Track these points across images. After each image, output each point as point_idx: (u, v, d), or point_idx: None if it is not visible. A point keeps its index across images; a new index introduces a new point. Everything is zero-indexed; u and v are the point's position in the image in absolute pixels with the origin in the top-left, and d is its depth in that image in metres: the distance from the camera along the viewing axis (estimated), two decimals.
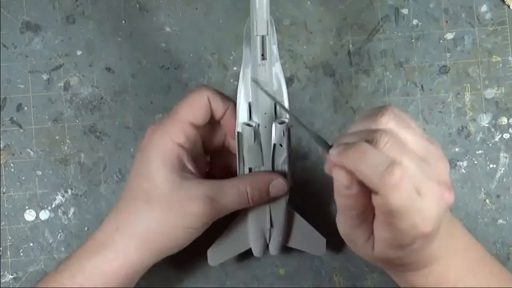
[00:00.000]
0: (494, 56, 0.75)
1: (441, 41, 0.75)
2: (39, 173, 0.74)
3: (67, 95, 0.74)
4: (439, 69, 0.75)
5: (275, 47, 0.61)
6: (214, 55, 0.75)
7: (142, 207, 0.63)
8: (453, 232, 0.60)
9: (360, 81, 0.75)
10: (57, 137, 0.74)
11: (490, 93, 0.75)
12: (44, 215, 0.74)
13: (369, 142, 0.52)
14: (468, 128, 0.75)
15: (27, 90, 0.74)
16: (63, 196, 0.74)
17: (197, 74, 0.75)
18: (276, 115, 0.63)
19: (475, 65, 0.75)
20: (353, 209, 0.55)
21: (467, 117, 0.75)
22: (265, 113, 0.62)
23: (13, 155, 0.74)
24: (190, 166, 0.64)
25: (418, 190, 0.52)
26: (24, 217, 0.74)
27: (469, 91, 0.75)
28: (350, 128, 0.55)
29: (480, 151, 0.74)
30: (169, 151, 0.63)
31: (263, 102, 0.62)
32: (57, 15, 0.75)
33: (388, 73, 0.75)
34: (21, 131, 0.74)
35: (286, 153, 0.64)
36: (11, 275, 0.73)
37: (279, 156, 0.64)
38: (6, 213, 0.74)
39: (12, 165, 0.74)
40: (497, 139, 0.75)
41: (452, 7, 0.75)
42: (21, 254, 0.74)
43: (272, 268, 0.74)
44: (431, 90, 0.75)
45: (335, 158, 0.53)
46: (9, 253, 0.74)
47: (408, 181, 0.51)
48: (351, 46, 0.75)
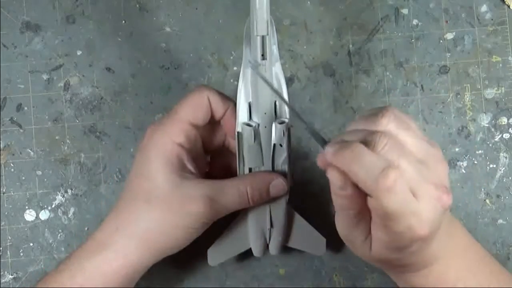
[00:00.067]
0: (494, 56, 0.75)
1: (441, 41, 0.75)
2: (39, 173, 0.74)
3: (67, 95, 0.74)
4: (439, 69, 0.75)
5: (275, 47, 0.61)
6: (214, 55, 0.75)
7: (142, 207, 0.63)
8: (453, 232, 0.60)
9: (360, 81, 0.75)
10: (57, 137, 0.74)
11: (490, 93, 0.75)
12: (44, 215, 0.74)
13: (367, 144, 0.52)
14: (468, 128, 0.75)
15: (27, 90, 0.74)
16: (63, 196, 0.74)
17: (197, 74, 0.75)
18: (276, 115, 0.63)
19: (475, 65, 0.75)
20: (349, 209, 0.55)
21: (467, 117, 0.75)
22: (265, 113, 0.62)
23: (13, 155, 0.74)
24: (190, 166, 0.64)
25: (414, 193, 0.52)
26: (24, 217, 0.74)
27: (469, 91, 0.75)
28: (350, 127, 0.55)
29: (480, 151, 0.74)
30: (169, 151, 0.63)
31: (263, 102, 0.62)
32: (57, 15, 0.75)
33: (388, 73, 0.75)
34: (21, 131, 0.74)
35: (286, 153, 0.64)
36: (11, 275, 0.73)
37: (279, 156, 0.64)
38: (6, 213, 0.74)
39: (12, 165, 0.74)
40: (497, 139, 0.75)
41: (452, 7, 0.75)
42: (21, 254, 0.74)
43: (272, 268, 0.74)
44: (431, 90, 0.75)
45: (329, 157, 0.52)
46: (9, 253, 0.74)
47: (403, 184, 0.51)
48: (351, 46, 0.75)
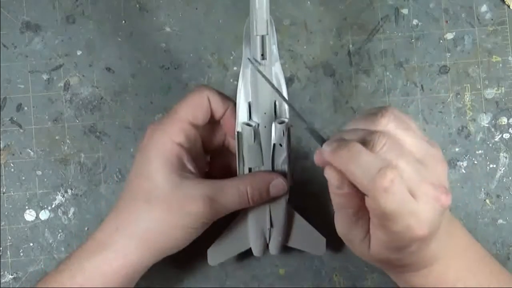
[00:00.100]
0: (494, 56, 0.75)
1: (441, 41, 0.75)
2: (39, 173, 0.74)
3: (67, 95, 0.74)
4: (439, 69, 0.75)
5: (275, 47, 0.61)
6: (214, 55, 0.75)
7: (142, 207, 0.63)
8: (452, 232, 0.60)
9: (360, 81, 0.75)
10: (57, 137, 0.74)
11: (490, 93, 0.75)
12: (44, 215, 0.74)
13: (366, 143, 0.52)
14: (468, 128, 0.75)
15: (27, 90, 0.74)
16: (63, 196, 0.74)
17: (197, 74, 0.75)
18: (276, 115, 0.63)
19: (475, 65, 0.75)
20: (347, 207, 0.55)
21: (467, 117, 0.75)
22: (264, 113, 0.62)
23: (13, 155, 0.74)
24: (190, 165, 0.64)
25: (413, 193, 0.52)
26: (24, 217, 0.74)
27: (469, 91, 0.75)
28: (349, 126, 0.55)
29: (480, 151, 0.74)
30: (169, 150, 0.63)
31: (263, 102, 0.62)
32: (57, 15, 0.75)
33: (388, 73, 0.75)
34: (21, 131, 0.74)
35: (286, 152, 0.64)
36: (11, 275, 0.73)
37: (279, 156, 0.64)
38: (6, 213, 0.74)
39: (12, 165, 0.74)
40: (497, 139, 0.74)
41: (452, 7, 0.75)
42: (21, 254, 0.74)
43: (272, 268, 0.74)
44: (431, 90, 0.75)
45: (327, 156, 0.53)
46: (9, 253, 0.74)
47: (401, 184, 0.51)
48: (351, 46, 0.75)
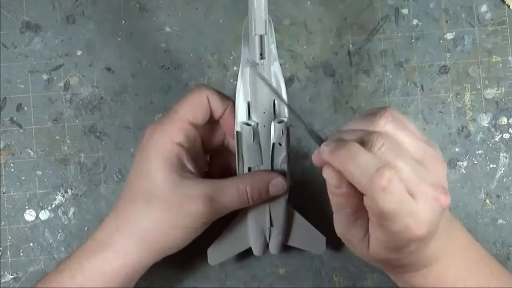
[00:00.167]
0: (494, 56, 0.75)
1: (441, 41, 0.75)
2: (39, 173, 0.74)
3: (67, 95, 0.74)
4: (439, 69, 0.75)
5: (273, 46, 0.61)
6: (214, 55, 0.75)
7: (141, 207, 0.63)
8: (452, 232, 0.59)
9: (360, 81, 0.75)
10: (57, 137, 0.74)
11: (490, 93, 0.75)
12: (44, 215, 0.74)
13: (364, 144, 0.52)
14: (468, 128, 0.75)
15: (27, 90, 0.74)
16: (63, 196, 0.74)
17: (197, 74, 0.75)
18: (275, 114, 0.63)
19: (475, 65, 0.75)
20: (345, 207, 0.55)
21: (467, 117, 0.75)
22: (264, 112, 0.62)
23: (13, 155, 0.74)
24: (189, 165, 0.64)
25: (412, 193, 0.52)
26: (24, 217, 0.74)
27: (469, 91, 0.75)
28: (348, 126, 0.55)
29: (480, 151, 0.74)
30: (168, 150, 0.63)
31: (262, 101, 0.62)
32: (57, 15, 0.75)
33: (388, 73, 0.75)
34: (21, 131, 0.74)
35: (285, 152, 0.64)
36: (11, 275, 0.73)
37: (278, 155, 0.64)
38: (6, 213, 0.74)
39: (12, 165, 0.74)
40: (497, 139, 0.74)
41: (452, 7, 0.75)
42: (21, 254, 0.74)
43: (272, 268, 0.74)
44: (431, 90, 0.75)
45: (325, 156, 0.53)
46: (9, 253, 0.74)
47: (399, 184, 0.51)
48: (351, 46, 0.75)
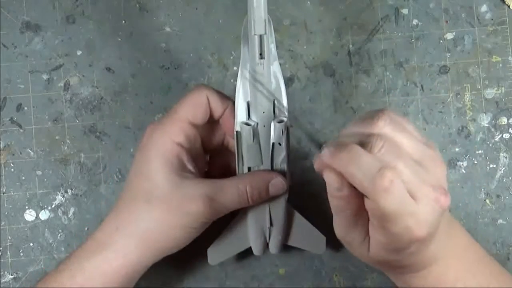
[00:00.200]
0: (494, 56, 0.75)
1: (441, 41, 0.75)
2: (39, 173, 0.74)
3: (67, 95, 0.75)
4: (439, 69, 0.75)
5: (273, 46, 0.61)
6: (214, 55, 0.75)
7: (141, 207, 0.63)
8: (452, 233, 0.59)
9: (360, 81, 0.75)
10: (57, 137, 0.74)
11: (490, 93, 0.75)
12: (44, 215, 0.74)
13: (364, 146, 0.52)
14: (468, 128, 0.75)
15: (27, 90, 0.74)
16: (63, 196, 0.74)
17: (197, 74, 0.75)
18: (275, 114, 0.63)
19: (475, 65, 0.75)
20: (346, 210, 0.55)
21: (467, 117, 0.75)
22: (263, 112, 0.62)
23: (13, 155, 0.74)
24: (189, 165, 0.64)
25: (412, 194, 0.52)
26: (24, 217, 0.74)
27: (469, 91, 0.75)
28: (346, 130, 0.55)
29: (480, 151, 0.74)
30: (168, 150, 0.63)
31: (261, 101, 0.62)
32: (57, 15, 0.75)
33: (388, 73, 0.75)
34: (21, 131, 0.74)
35: (285, 152, 0.64)
36: (11, 275, 0.73)
37: (278, 155, 0.64)
38: (6, 213, 0.74)
39: (12, 165, 0.74)
40: (497, 139, 0.74)
41: (452, 7, 0.75)
42: (21, 254, 0.74)
43: (272, 268, 0.74)
44: (431, 90, 0.75)
45: (326, 159, 0.53)
46: (9, 253, 0.74)
47: (400, 185, 0.51)
48: (351, 46, 0.75)
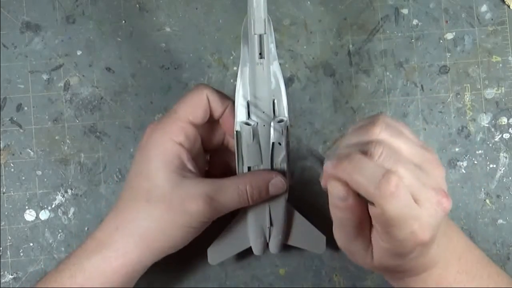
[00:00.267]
0: (494, 56, 0.75)
1: (441, 41, 0.75)
2: (39, 173, 0.74)
3: (67, 95, 0.75)
4: (439, 69, 0.75)
5: (273, 46, 0.61)
6: (214, 55, 0.75)
7: (141, 207, 0.63)
8: (450, 235, 0.60)
9: (360, 81, 0.75)
10: (57, 137, 0.74)
11: (490, 93, 0.75)
12: (44, 215, 0.74)
13: (363, 154, 0.52)
14: (468, 128, 0.75)
15: (27, 90, 0.74)
16: (63, 196, 0.74)
17: (197, 74, 0.75)
18: (275, 113, 0.63)
19: (475, 65, 0.75)
20: (349, 220, 0.55)
21: (467, 117, 0.75)
22: (263, 111, 0.62)
23: (13, 155, 0.74)
24: (189, 165, 0.64)
25: (415, 198, 0.52)
26: (24, 217, 0.74)
27: (469, 91, 0.75)
28: (343, 141, 0.55)
29: (480, 151, 0.74)
30: (168, 150, 0.63)
31: (261, 101, 0.62)
32: (57, 15, 0.75)
33: (388, 73, 0.75)
34: (21, 131, 0.74)
35: (285, 151, 0.64)
36: (11, 275, 0.73)
37: (278, 155, 0.64)
38: (6, 213, 0.74)
39: (12, 165, 0.74)
40: (497, 139, 0.74)
41: (452, 7, 0.75)
42: (21, 254, 0.74)
43: (272, 268, 0.74)
44: (431, 90, 0.75)
45: (330, 170, 0.53)
46: (9, 253, 0.74)
47: (405, 189, 0.51)
48: (351, 46, 0.75)
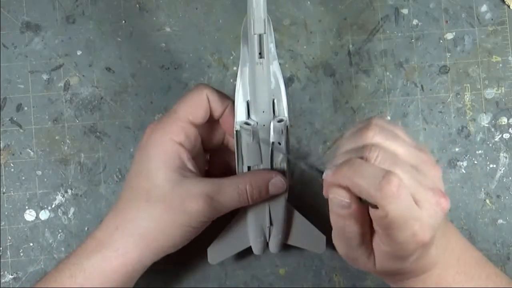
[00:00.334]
0: (494, 56, 0.75)
1: (441, 41, 0.75)
2: (39, 173, 0.74)
3: (67, 95, 0.75)
4: (439, 69, 0.75)
5: (272, 46, 0.61)
6: (214, 55, 0.75)
7: (141, 206, 0.63)
8: (449, 236, 0.60)
9: (360, 81, 0.75)
10: (57, 137, 0.74)
11: (490, 93, 0.75)
12: (44, 215, 0.74)
13: (360, 159, 0.52)
14: (468, 128, 0.75)
15: (27, 90, 0.74)
16: (63, 196, 0.74)
17: (197, 74, 0.75)
18: (275, 113, 0.63)
19: (475, 65, 0.75)
20: (352, 229, 0.55)
21: (467, 117, 0.75)
22: (263, 111, 0.62)
23: (13, 155, 0.74)
24: (189, 164, 0.64)
25: (415, 199, 0.52)
26: (24, 217, 0.74)
27: (469, 91, 0.75)
28: (339, 149, 0.56)
29: (480, 151, 0.74)
30: (168, 150, 0.63)
31: (261, 100, 0.62)
32: (57, 15, 0.75)
33: (388, 73, 0.75)
34: (21, 131, 0.74)
35: (284, 151, 0.64)
36: (11, 275, 0.73)
37: (278, 155, 0.64)
38: (6, 213, 0.74)
39: (12, 165, 0.74)
40: (497, 139, 0.74)
41: (452, 7, 0.75)
42: (21, 254, 0.74)
43: (272, 268, 0.74)
44: (431, 90, 0.75)
45: (330, 178, 0.53)
46: (9, 253, 0.74)
47: (406, 190, 0.51)
48: (351, 46, 0.75)
